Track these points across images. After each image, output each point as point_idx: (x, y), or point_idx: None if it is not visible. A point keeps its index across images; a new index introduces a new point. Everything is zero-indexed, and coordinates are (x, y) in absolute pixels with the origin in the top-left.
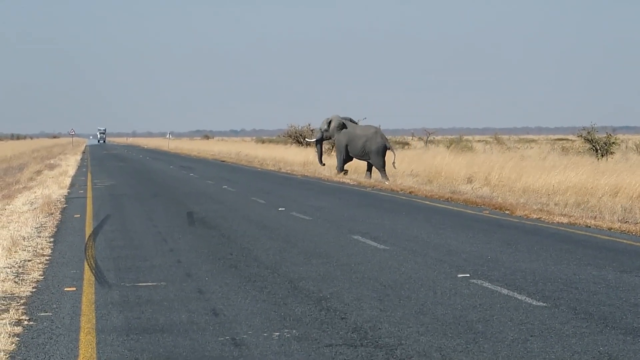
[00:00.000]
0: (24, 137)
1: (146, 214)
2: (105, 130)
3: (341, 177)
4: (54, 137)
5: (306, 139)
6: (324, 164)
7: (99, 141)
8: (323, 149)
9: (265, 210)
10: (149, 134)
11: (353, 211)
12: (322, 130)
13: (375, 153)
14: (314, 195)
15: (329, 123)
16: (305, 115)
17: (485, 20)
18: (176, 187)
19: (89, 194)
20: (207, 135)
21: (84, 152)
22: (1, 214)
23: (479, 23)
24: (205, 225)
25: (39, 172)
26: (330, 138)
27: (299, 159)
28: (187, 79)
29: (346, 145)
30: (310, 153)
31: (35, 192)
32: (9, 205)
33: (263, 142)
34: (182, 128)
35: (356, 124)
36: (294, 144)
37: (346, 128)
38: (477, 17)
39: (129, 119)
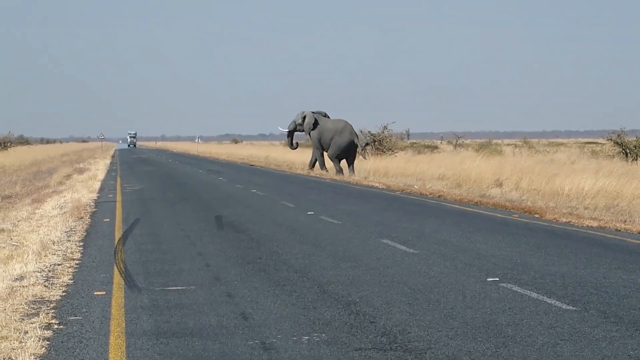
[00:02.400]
0: (54, 142)
1: (175, 218)
2: (135, 134)
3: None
4: (84, 141)
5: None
6: (295, 147)
7: (129, 145)
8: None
9: (294, 214)
10: (178, 138)
11: (382, 215)
12: (296, 123)
13: (342, 148)
14: (343, 199)
15: (303, 118)
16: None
17: (517, 22)
18: (205, 191)
19: (119, 198)
20: (235, 139)
21: (113, 156)
22: (31, 218)
23: (510, 24)
24: (234, 229)
25: (68, 176)
26: (301, 131)
27: (328, 163)
28: (216, 83)
29: (319, 140)
30: None
31: (64, 196)
32: (39, 209)
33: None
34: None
35: (328, 118)
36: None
37: (318, 124)
38: (507, 19)
39: (158, 123)
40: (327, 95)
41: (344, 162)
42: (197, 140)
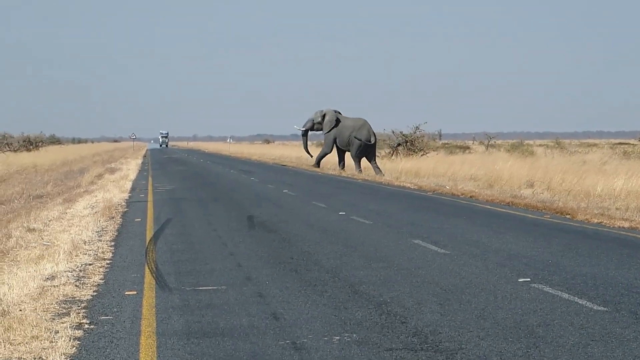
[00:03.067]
0: (85, 141)
1: (206, 218)
2: (167, 134)
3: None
4: (115, 141)
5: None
6: (311, 155)
7: (160, 145)
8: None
9: (325, 214)
10: (210, 138)
11: (413, 215)
12: (315, 122)
13: (358, 145)
14: (374, 200)
15: (323, 116)
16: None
17: (552, 22)
18: (236, 191)
19: (150, 197)
20: (267, 140)
21: (144, 156)
22: (62, 218)
23: (545, 24)
24: (265, 229)
25: (99, 176)
26: (319, 130)
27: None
28: (249, 82)
29: (335, 139)
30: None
31: (96, 196)
32: (70, 209)
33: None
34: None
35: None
36: None
37: (339, 122)
38: (541, 18)
39: (190, 123)
40: (358, 95)
41: (364, 162)
42: (228, 141)
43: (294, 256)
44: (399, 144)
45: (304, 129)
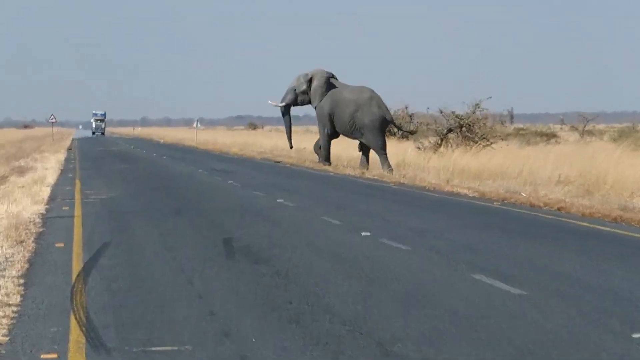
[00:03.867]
0: None
1: (163, 241)
2: (104, 115)
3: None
4: (26, 126)
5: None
6: (292, 147)
7: (94, 132)
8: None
9: (341, 234)
10: (167, 122)
11: (472, 236)
12: (298, 90)
13: (371, 128)
14: (414, 213)
15: (309, 81)
16: (403, 94)
17: None
18: (208, 200)
19: (78, 211)
20: (253, 124)
21: (70, 149)
22: None
23: None
24: (250, 258)
25: (2, 179)
26: (306, 103)
27: (392, 159)
28: (224, 46)
29: (330, 115)
30: (409, 150)
31: None
32: None
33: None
34: (216, 113)
35: (344, 84)
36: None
37: (333, 88)
38: None
39: (137, 100)
40: (381, 62)
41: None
42: (195, 125)
43: (293, 299)
44: (449, 130)
45: (283, 104)
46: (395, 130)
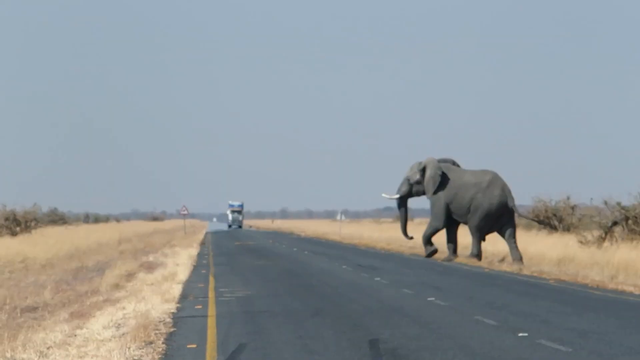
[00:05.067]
0: (106, 220)
1: (303, 344)
2: (242, 206)
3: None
4: (155, 219)
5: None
6: (411, 237)
7: (230, 225)
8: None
9: (496, 335)
10: (309, 214)
11: (639, 339)
12: (411, 181)
13: (487, 213)
14: (574, 313)
15: (423, 170)
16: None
17: None
18: (351, 299)
19: (212, 310)
20: None
21: (203, 244)
22: (69, 344)
23: None
24: None
25: (130, 276)
26: (421, 194)
27: (552, 254)
28: (365, 121)
29: (447, 205)
30: (572, 245)
31: (124, 308)
32: (82, 329)
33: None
34: (361, 204)
35: (459, 167)
36: (544, 229)
37: (449, 175)
38: None
39: (276, 189)
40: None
41: (492, 240)
42: (339, 217)
43: None
44: (614, 223)
45: (398, 196)
46: (556, 223)
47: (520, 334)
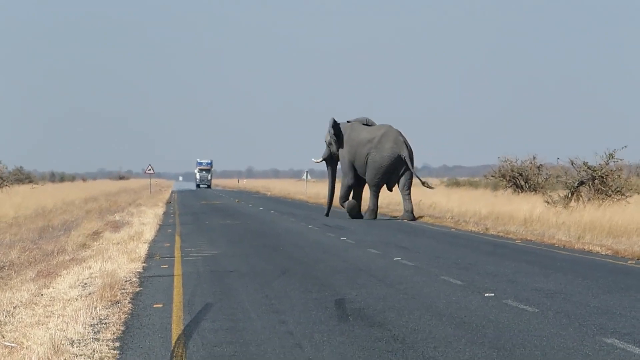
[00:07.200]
0: (72, 179)
1: (269, 303)
2: (210, 164)
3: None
4: (120, 177)
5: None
6: (326, 215)
7: (198, 184)
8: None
9: (462, 295)
10: (275, 173)
11: (605, 299)
12: (327, 144)
13: (379, 167)
14: (541, 273)
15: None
16: (525, 145)
17: None
18: (318, 259)
19: (178, 270)
20: None
21: (169, 203)
22: (36, 303)
23: None
24: (364, 322)
25: (96, 235)
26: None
27: (518, 214)
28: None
29: (351, 162)
30: (538, 205)
31: (90, 268)
32: (49, 288)
33: (458, 184)
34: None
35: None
36: (509, 189)
37: (345, 132)
38: None
39: (242, 149)
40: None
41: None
42: (305, 177)
43: None
44: (581, 182)
45: (321, 159)
46: (522, 183)
47: (487, 294)
